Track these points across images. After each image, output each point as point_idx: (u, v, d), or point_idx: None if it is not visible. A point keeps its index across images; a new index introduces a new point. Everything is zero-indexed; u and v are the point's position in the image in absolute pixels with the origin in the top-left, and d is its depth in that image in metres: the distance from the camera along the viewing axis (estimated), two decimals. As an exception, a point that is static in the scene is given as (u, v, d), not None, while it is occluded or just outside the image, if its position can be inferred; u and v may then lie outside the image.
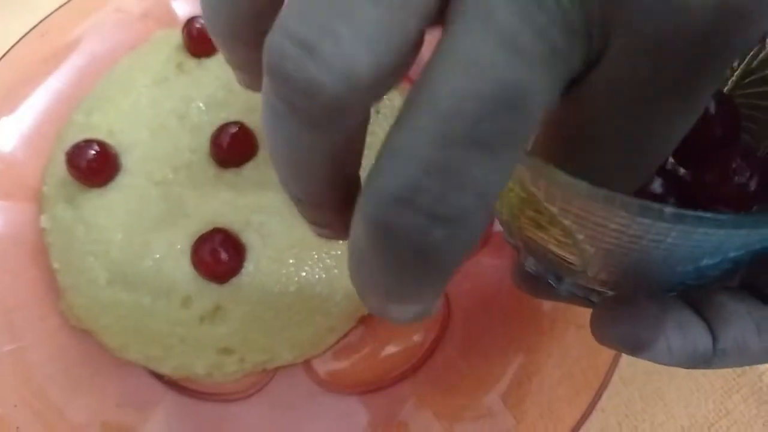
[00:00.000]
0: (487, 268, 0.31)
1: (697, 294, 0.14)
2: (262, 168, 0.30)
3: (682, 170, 0.18)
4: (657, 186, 0.16)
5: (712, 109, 0.17)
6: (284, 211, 0.29)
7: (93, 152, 0.29)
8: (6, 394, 0.27)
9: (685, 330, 0.13)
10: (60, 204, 0.30)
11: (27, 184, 0.32)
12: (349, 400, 0.28)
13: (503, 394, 0.27)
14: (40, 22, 0.35)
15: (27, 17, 0.35)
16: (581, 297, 0.17)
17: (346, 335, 0.30)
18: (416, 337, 0.29)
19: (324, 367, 0.29)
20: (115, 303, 0.27)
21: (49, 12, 0.35)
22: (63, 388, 0.28)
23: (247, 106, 0.32)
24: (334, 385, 0.29)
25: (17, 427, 0.26)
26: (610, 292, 0.16)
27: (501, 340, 0.29)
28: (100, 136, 0.30)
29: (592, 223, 0.12)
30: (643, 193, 0.16)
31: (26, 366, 0.28)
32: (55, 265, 0.30)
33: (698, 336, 0.13)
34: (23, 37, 0.34)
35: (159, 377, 0.29)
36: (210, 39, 0.34)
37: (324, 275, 0.28)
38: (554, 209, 0.12)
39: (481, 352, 0.29)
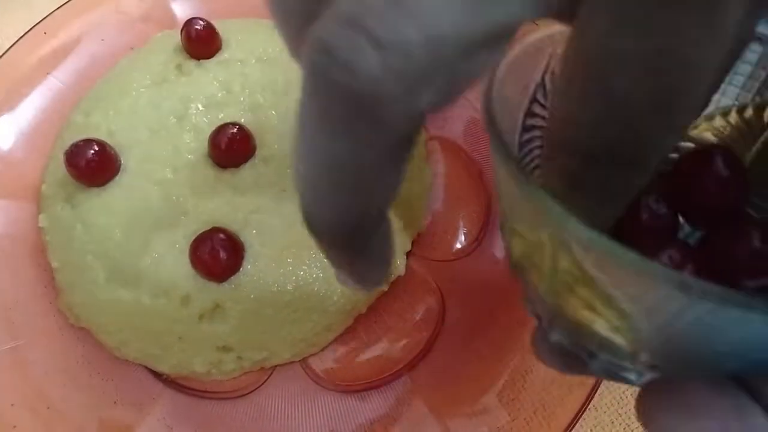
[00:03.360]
0: (482, 267, 0.32)
1: (754, 379, 0.13)
2: (260, 168, 0.30)
3: (692, 240, 0.18)
4: (675, 255, 0.15)
5: (722, 168, 0.17)
6: (282, 210, 0.29)
7: (92, 152, 0.29)
8: (4, 392, 0.27)
9: (744, 419, 0.12)
10: (59, 203, 0.30)
11: (26, 183, 0.32)
12: (346, 398, 0.28)
13: (498, 391, 0.27)
14: (40, 21, 0.35)
15: (27, 16, 0.35)
16: (617, 375, 0.15)
17: (343, 333, 0.30)
18: (412, 336, 0.30)
19: (321, 365, 0.29)
20: (114, 301, 0.28)
21: (49, 11, 0.35)
22: (61, 387, 0.28)
23: (246, 107, 0.32)
24: (331, 383, 0.29)
25: (14, 426, 0.26)
26: (651, 374, 0.14)
27: (496, 339, 0.29)
28: (99, 136, 0.30)
29: (660, 309, 0.11)
30: (658, 259, 0.15)
31: (24, 364, 0.28)
32: (54, 264, 0.30)
33: (759, 425, 0.12)
34: (23, 36, 0.34)
35: (157, 375, 0.29)
36: (209, 40, 0.35)
37: (321, 274, 0.28)
38: (617, 292, 0.12)
39: (476, 351, 0.29)
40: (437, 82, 0.10)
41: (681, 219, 0.18)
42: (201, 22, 0.33)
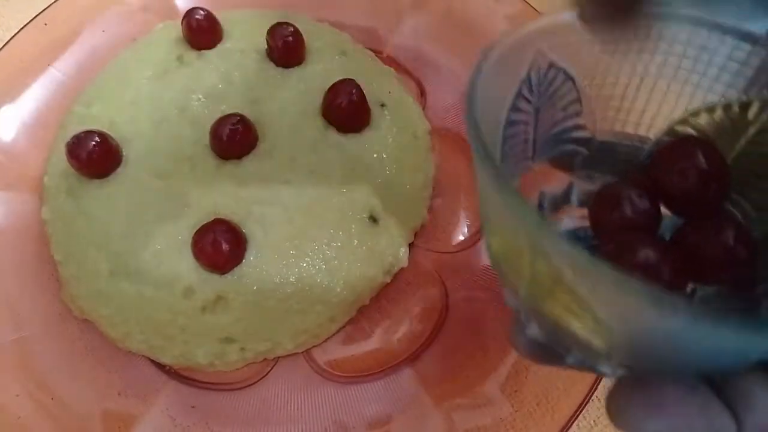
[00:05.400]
0: (484, 259, 0.32)
1: (720, 379, 0.13)
2: (262, 160, 0.30)
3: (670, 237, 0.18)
4: (651, 255, 0.15)
5: (701, 157, 0.17)
6: (285, 202, 0.29)
7: (93, 143, 0.29)
8: (8, 383, 0.27)
9: (709, 417, 0.12)
10: (61, 195, 0.30)
11: (29, 175, 0.32)
12: (350, 389, 0.28)
13: (501, 383, 0.27)
14: (41, 12, 0.35)
15: (28, 8, 0.35)
16: (592, 368, 0.16)
17: (346, 325, 0.30)
18: (415, 328, 0.30)
19: (324, 356, 0.29)
20: (117, 293, 0.28)
21: (50, 3, 0.35)
22: (65, 378, 0.28)
23: (247, 98, 0.32)
24: (335, 374, 0.29)
25: (19, 417, 0.27)
26: (625, 370, 0.15)
27: (499, 331, 0.29)
28: (100, 127, 0.30)
29: (633, 318, 0.11)
30: (637, 263, 0.15)
31: (28, 356, 0.28)
32: (57, 257, 0.30)
33: (722, 423, 0.13)
34: (24, 27, 0.34)
35: (161, 367, 0.29)
36: (210, 31, 0.35)
37: (324, 266, 0.28)
38: (593, 300, 0.12)
39: (479, 342, 0.29)
40: None
41: (662, 207, 0.18)
42: (202, 12, 0.33)
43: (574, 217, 0.20)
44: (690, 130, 0.18)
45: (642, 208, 0.17)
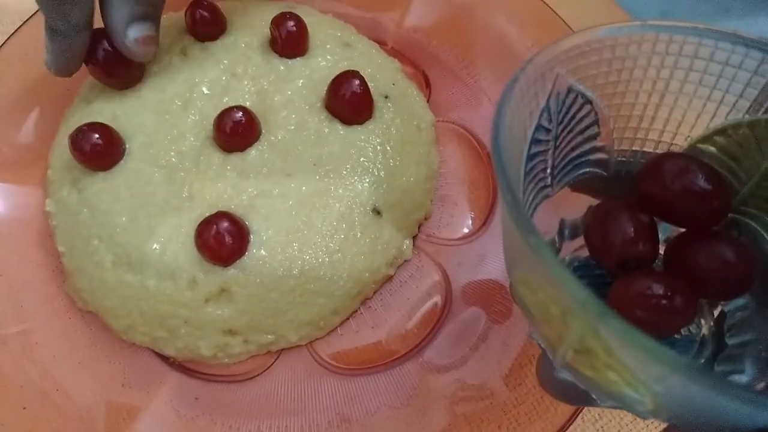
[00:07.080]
0: (489, 252, 0.31)
1: None
2: (265, 152, 0.30)
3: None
4: (661, 291, 0.16)
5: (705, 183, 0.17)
6: (288, 194, 0.29)
7: (97, 136, 0.29)
8: (13, 374, 0.27)
9: None
10: (65, 187, 0.30)
11: (32, 168, 0.32)
12: (353, 382, 0.28)
13: (505, 376, 0.27)
14: (44, 5, 0.35)
15: (32, 1, 0.35)
16: (626, 410, 0.16)
17: (349, 317, 0.30)
18: (418, 320, 0.30)
19: (328, 348, 0.29)
20: (121, 285, 0.28)
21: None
22: (69, 369, 0.28)
23: (251, 90, 0.32)
24: (338, 367, 0.29)
25: (24, 407, 0.27)
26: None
27: (503, 323, 0.29)
28: (104, 120, 0.30)
29: (678, 387, 0.12)
30: (651, 302, 0.16)
31: (33, 347, 0.28)
32: (61, 248, 0.30)
33: None
34: (27, 20, 0.34)
35: (164, 359, 0.29)
36: (213, 22, 0.34)
37: (327, 258, 0.28)
38: (641, 372, 0.12)
39: (483, 335, 0.29)
40: None
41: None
42: (205, 4, 0.33)
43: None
44: (712, 149, 0.18)
45: (636, 226, 0.17)
